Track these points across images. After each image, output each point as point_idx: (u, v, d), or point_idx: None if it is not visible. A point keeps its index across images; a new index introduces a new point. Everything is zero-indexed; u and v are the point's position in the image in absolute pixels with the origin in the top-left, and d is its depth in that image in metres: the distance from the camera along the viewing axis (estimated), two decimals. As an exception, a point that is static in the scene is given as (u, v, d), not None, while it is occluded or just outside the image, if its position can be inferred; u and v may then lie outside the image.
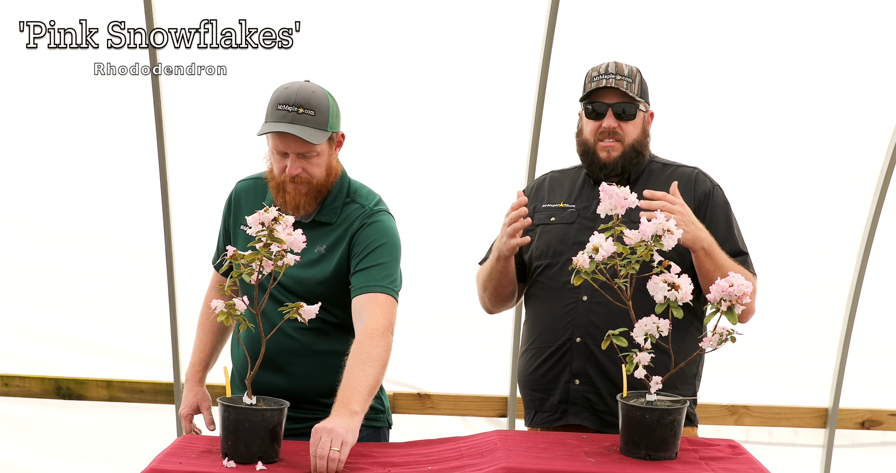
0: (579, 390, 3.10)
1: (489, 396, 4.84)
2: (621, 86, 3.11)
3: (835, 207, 4.75)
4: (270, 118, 2.98)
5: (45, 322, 4.76)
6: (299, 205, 3.03)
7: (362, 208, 3.08)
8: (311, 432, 2.62)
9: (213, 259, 3.33)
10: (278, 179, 3.02)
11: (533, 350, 3.20)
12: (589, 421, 3.09)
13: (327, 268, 3.05)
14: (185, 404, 3.23)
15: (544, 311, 3.17)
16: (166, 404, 4.75)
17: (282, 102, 2.97)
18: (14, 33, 4.20)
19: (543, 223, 3.23)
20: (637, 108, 3.15)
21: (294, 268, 2.83)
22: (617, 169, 3.15)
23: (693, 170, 3.22)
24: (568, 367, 3.11)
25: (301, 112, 2.95)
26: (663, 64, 4.45)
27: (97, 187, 4.65)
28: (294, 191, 3.01)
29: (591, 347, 3.05)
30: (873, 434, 4.96)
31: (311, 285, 3.04)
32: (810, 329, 4.88)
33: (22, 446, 4.81)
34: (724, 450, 2.77)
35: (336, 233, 3.07)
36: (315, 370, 3.06)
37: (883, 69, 4.57)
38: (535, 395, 3.20)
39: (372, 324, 2.90)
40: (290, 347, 3.04)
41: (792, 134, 4.67)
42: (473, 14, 4.47)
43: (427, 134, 4.63)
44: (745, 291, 2.55)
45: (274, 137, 2.99)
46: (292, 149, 2.97)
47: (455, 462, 2.67)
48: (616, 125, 3.13)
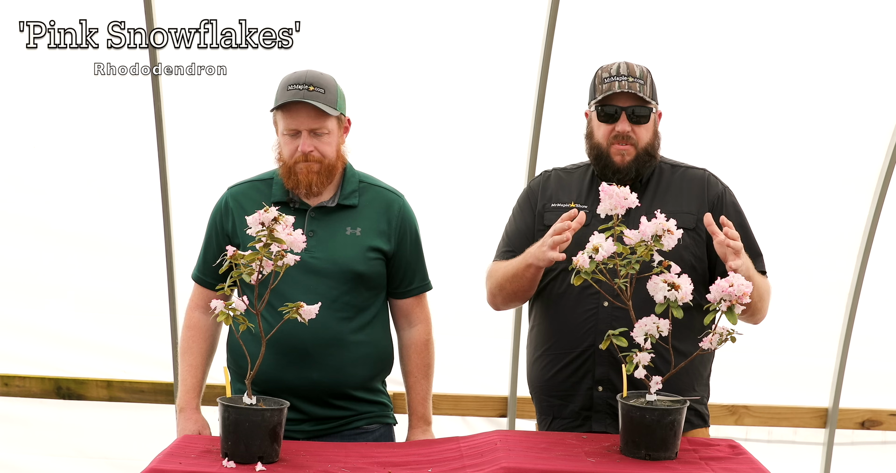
0: (602, 396, 3.07)
1: (489, 396, 4.84)
2: (634, 88, 3.06)
3: (835, 207, 4.75)
4: (280, 99, 3.05)
5: (45, 322, 4.76)
6: (312, 183, 3.07)
7: (391, 192, 3.21)
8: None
9: (195, 273, 3.23)
10: (289, 161, 3.07)
11: (550, 356, 3.14)
12: (613, 428, 3.02)
13: (374, 250, 3.11)
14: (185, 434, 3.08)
15: (562, 316, 3.12)
16: (166, 404, 4.75)
17: (292, 83, 3.06)
18: (14, 33, 4.20)
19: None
20: (650, 111, 3.11)
21: (326, 248, 3.00)
22: (631, 173, 3.10)
23: (703, 172, 3.20)
24: (590, 373, 3.08)
25: (312, 90, 3.04)
26: (663, 64, 4.42)
27: (97, 186, 4.65)
28: (306, 170, 3.05)
29: (613, 353, 2.97)
30: (873, 434, 4.96)
31: (349, 265, 3.07)
32: (810, 329, 4.87)
33: (22, 446, 4.81)
34: (724, 450, 2.77)
35: (368, 215, 3.13)
36: (349, 361, 3.08)
37: (883, 69, 4.57)
38: (553, 401, 3.16)
39: (426, 330, 3.25)
40: (325, 337, 3.05)
41: (792, 134, 4.67)
42: (473, 14, 4.47)
43: (427, 133, 4.63)
44: (745, 291, 2.55)
45: (286, 117, 3.05)
46: (305, 125, 3.03)
47: (455, 462, 2.67)
48: (630, 129, 3.08)
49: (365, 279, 3.10)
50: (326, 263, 3.06)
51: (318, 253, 3.05)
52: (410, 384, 3.27)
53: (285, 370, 3.03)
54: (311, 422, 3.09)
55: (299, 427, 3.08)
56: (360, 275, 3.09)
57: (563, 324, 3.11)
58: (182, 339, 3.20)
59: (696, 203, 3.13)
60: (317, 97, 3.03)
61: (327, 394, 3.07)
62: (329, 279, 3.06)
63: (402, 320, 3.26)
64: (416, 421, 3.26)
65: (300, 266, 2.88)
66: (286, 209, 3.08)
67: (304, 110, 3.03)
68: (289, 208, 3.10)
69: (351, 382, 3.09)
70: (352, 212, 3.13)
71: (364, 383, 3.12)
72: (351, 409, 3.12)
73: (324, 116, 3.05)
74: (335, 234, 3.08)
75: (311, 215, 3.11)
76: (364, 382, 3.12)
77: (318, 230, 3.09)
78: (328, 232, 3.09)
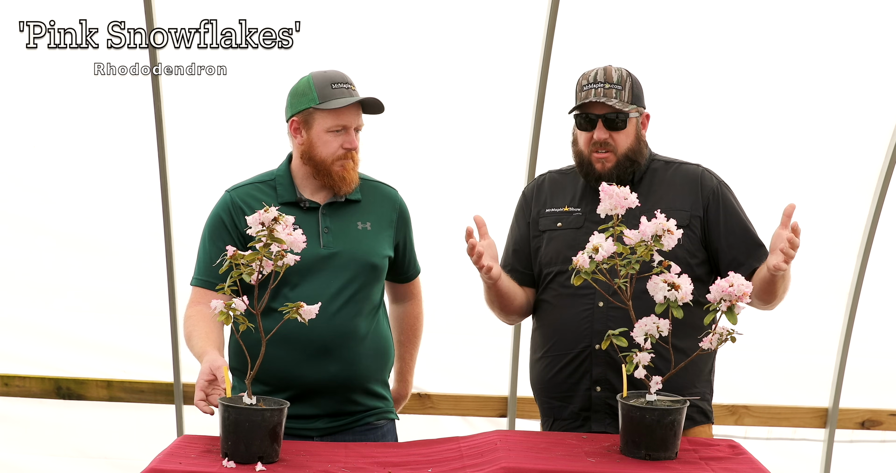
0: (601, 397, 3.08)
1: (489, 396, 4.84)
2: (610, 96, 3.06)
3: (835, 207, 4.75)
4: (330, 98, 3.09)
5: (45, 322, 4.76)
6: (351, 180, 3.14)
7: (388, 187, 3.30)
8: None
9: (196, 276, 3.14)
10: (330, 157, 3.11)
11: (549, 358, 3.15)
12: (612, 428, 3.02)
13: (383, 243, 3.19)
14: (203, 371, 2.79)
15: (559, 318, 3.14)
16: (166, 404, 4.75)
17: (335, 82, 3.12)
18: (14, 33, 4.20)
19: (550, 229, 3.20)
20: (627, 116, 3.10)
21: (342, 243, 3.08)
22: (612, 179, 3.10)
23: (697, 167, 3.20)
24: (588, 374, 3.09)
25: (354, 89, 3.14)
26: (663, 64, 4.45)
27: (97, 186, 4.65)
28: (343, 167, 3.12)
29: (611, 353, 3.00)
30: (873, 434, 4.96)
31: (366, 258, 3.13)
32: (810, 329, 4.87)
33: (22, 446, 4.81)
34: (724, 450, 2.77)
35: (373, 209, 3.20)
36: (364, 354, 3.12)
37: (883, 69, 4.57)
38: (553, 403, 3.17)
39: (419, 303, 3.41)
40: (344, 331, 3.08)
41: (792, 134, 4.67)
42: (474, 14, 4.47)
43: (427, 134, 4.63)
44: (745, 291, 2.55)
45: (333, 115, 3.09)
46: (354, 122, 3.12)
47: (455, 462, 2.67)
48: (607, 136, 3.09)
49: (378, 272, 3.17)
50: (345, 257, 3.11)
51: (336, 248, 3.10)
52: (399, 355, 3.41)
53: (303, 366, 3.05)
54: (325, 419, 3.12)
55: (313, 425, 3.10)
56: (375, 267, 3.15)
57: (560, 325, 3.13)
58: (186, 326, 3.06)
59: (688, 200, 3.12)
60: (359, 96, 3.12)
61: (345, 388, 3.11)
62: (349, 274, 3.10)
63: (395, 296, 3.43)
64: (403, 388, 3.46)
65: (322, 262, 3.02)
66: (296, 209, 3.10)
67: (354, 108, 3.11)
68: (299, 208, 3.11)
69: (366, 375, 3.14)
70: (358, 206, 3.18)
71: (376, 375, 3.18)
72: (364, 404, 3.16)
73: (361, 114, 3.15)
74: (348, 228, 3.14)
75: (323, 211, 3.14)
76: (376, 374, 3.18)
77: (332, 226, 3.13)
78: (341, 227, 3.14)
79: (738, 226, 3.12)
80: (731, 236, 3.10)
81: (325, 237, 3.10)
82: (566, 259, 3.10)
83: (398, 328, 3.41)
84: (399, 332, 3.41)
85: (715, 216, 3.11)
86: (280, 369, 3.03)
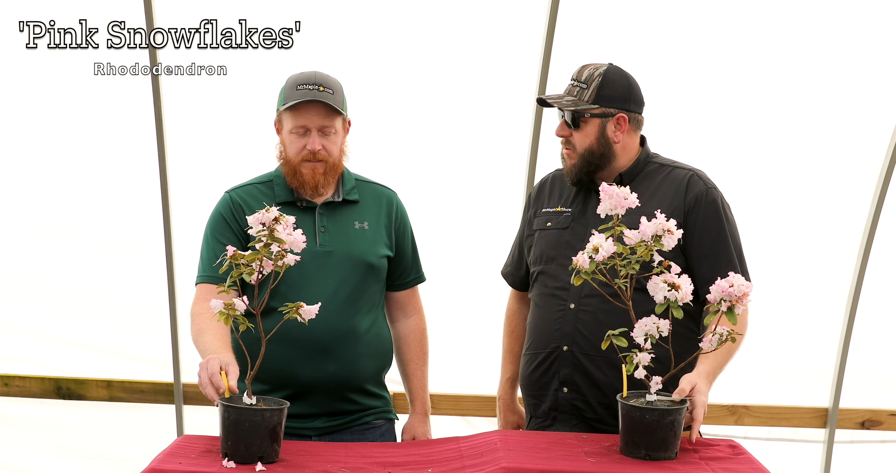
0: (567, 397, 3.10)
1: (489, 396, 4.82)
2: (571, 93, 3.06)
3: (835, 207, 4.75)
4: (291, 99, 3.07)
5: (45, 322, 4.76)
6: (318, 184, 3.11)
7: (385, 188, 3.30)
8: (405, 433, 3.31)
9: (201, 275, 3.12)
10: (295, 159, 3.09)
11: (528, 355, 3.20)
12: (578, 429, 3.06)
13: (381, 244, 3.18)
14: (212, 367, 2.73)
15: (537, 317, 3.17)
16: (166, 404, 4.75)
17: (301, 83, 3.09)
18: (14, 33, 4.20)
19: (541, 229, 3.20)
20: (582, 116, 3.05)
21: (340, 242, 3.08)
22: (574, 178, 3.10)
23: (688, 172, 3.10)
24: (557, 375, 3.10)
25: (322, 90, 3.07)
26: (663, 63, 4.45)
27: (97, 186, 4.65)
28: (311, 169, 3.09)
29: (577, 355, 3.03)
30: (873, 434, 4.96)
31: (364, 258, 3.13)
32: (810, 329, 4.87)
33: (22, 446, 4.81)
34: (724, 450, 2.77)
35: (371, 210, 3.20)
36: (362, 354, 3.13)
37: (883, 69, 4.57)
38: (530, 400, 3.22)
39: (422, 319, 3.36)
40: (342, 330, 3.09)
41: (792, 134, 4.67)
42: (474, 14, 4.47)
43: (427, 134, 4.63)
44: (746, 291, 2.55)
45: (294, 116, 3.07)
46: (315, 123, 3.07)
47: (455, 462, 2.67)
48: (569, 134, 3.08)
49: (376, 272, 3.17)
50: (342, 256, 3.12)
51: (333, 247, 3.11)
52: (411, 372, 3.37)
53: (301, 365, 3.06)
54: (323, 418, 3.13)
55: (311, 424, 3.12)
56: (373, 267, 3.16)
57: (537, 325, 3.16)
58: (196, 322, 3.02)
59: (668, 204, 3.02)
60: (326, 97, 3.07)
61: (343, 387, 3.12)
62: (345, 272, 3.11)
63: (397, 311, 3.36)
64: (420, 407, 3.37)
65: (318, 260, 3.02)
66: (294, 209, 3.11)
67: (315, 109, 3.07)
68: (296, 208, 3.12)
69: (364, 375, 3.15)
70: (355, 207, 3.19)
71: (374, 375, 3.20)
72: (361, 403, 3.18)
73: (333, 116, 3.10)
74: (346, 228, 3.15)
75: (320, 211, 3.15)
76: (374, 375, 3.20)
77: (329, 226, 3.14)
78: (338, 227, 3.15)
79: (712, 236, 3.00)
80: (699, 244, 3.00)
81: (322, 236, 3.11)
82: (548, 259, 3.12)
83: (406, 346, 3.36)
84: (407, 350, 3.36)
85: (693, 221, 3.01)
86: (278, 367, 3.04)
